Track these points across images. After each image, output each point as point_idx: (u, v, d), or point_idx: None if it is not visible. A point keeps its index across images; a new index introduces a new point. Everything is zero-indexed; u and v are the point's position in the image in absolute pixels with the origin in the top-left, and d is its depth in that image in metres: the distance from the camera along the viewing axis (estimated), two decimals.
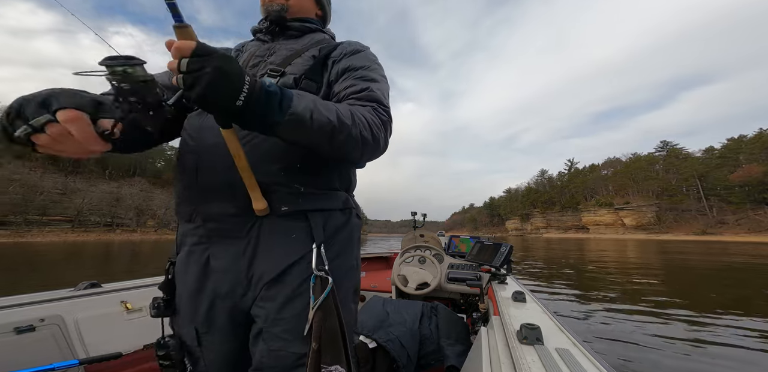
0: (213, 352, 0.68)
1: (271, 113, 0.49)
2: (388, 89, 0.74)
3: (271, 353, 0.61)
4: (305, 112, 0.52)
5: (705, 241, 45.49)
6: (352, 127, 0.58)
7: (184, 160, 0.68)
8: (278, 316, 0.62)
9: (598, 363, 0.65)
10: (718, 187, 74.06)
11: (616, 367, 0.68)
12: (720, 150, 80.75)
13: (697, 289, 6.74)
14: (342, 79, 0.71)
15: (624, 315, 4.50)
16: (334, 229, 0.70)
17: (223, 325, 0.67)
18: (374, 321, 1.44)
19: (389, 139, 0.69)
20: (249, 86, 0.45)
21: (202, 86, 0.42)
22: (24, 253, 17.46)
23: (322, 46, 0.77)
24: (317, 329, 0.57)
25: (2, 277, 8.25)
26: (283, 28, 0.80)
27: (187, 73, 0.43)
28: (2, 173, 46.70)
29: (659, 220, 79.42)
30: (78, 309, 1.30)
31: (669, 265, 11.36)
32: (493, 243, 2.04)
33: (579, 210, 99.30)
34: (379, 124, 0.64)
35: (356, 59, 0.74)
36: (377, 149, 0.66)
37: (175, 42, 0.44)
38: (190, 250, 0.69)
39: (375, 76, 0.72)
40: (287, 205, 0.64)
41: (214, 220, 0.65)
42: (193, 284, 0.67)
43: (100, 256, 15.93)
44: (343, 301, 0.65)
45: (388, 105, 0.70)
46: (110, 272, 9.65)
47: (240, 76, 0.45)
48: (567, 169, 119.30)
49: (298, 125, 0.52)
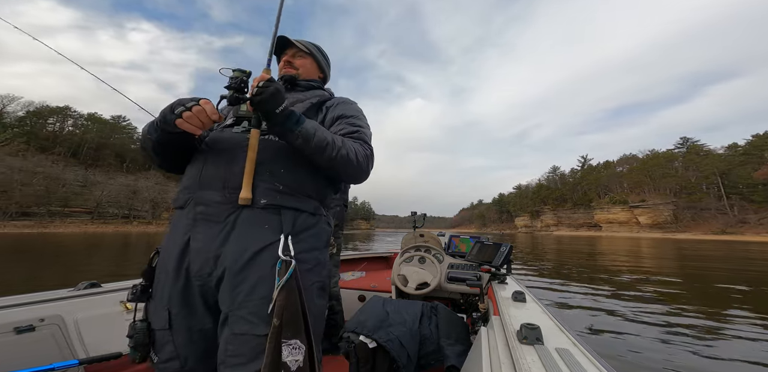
0: (182, 335, 0.72)
1: (290, 123, 0.76)
2: (371, 134, 0.99)
3: (236, 338, 0.65)
4: (311, 129, 0.78)
5: (725, 241, 43.85)
6: (341, 148, 0.81)
7: (195, 161, 0.85)
8: (245, 299, 0.67)
9: (598, 363, 0.65)
10: (740, 185, 71.00)
11: (616, 367, 0.68)
12: (744, 147, 77.10)
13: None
14: (336, 124, 0.95)
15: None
16: (303, 227, 0.81)
17: (196, 305, 0.73)
18: (374, 321, 1.45)
19: (371, 169, 0.92)
20: (285, 104, 0.75)
21: (265, 95, 0.71)
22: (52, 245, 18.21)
23: (321, 97, 1.04)
24: (279, 307, 0.62)
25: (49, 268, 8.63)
26: (294, 85, 1.08)
27: (260, 87, 0.72)
28: (27, 165, 48.68)
29: (676, 218, 76.90)
30: (78, 309, 1.30)
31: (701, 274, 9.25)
32: (493, 243, 2.03)
33: (592, 207, 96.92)
34: (366, 154, 0.88)
35: (347, 110, 0.99)
36: (360, 172, 0.88)
37: (262, 74, 0.79)
38: (175, 232, 0.78)
39: (361, 123, 0.97)
40: (266, 198, 0.77)
41: (203, 204, 0.77)
42: (172, 263, 0.74)
43: (120, 248, 16.56)
44: (306, 291, 0.71)
45: (371, 145, 0.94)
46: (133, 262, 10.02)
47: (283, 98, 0.75)
48: (580, 166, 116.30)
49: (304, 136, 0.76)
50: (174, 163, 0.88)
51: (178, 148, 0.84)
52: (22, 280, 6.72)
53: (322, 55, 1.15)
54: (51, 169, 52.45)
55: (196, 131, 0.74)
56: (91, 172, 60.83)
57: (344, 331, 1.40)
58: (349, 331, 1.37)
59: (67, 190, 52.76)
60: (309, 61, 1.10)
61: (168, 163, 0.88)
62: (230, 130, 0.88)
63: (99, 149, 68.33)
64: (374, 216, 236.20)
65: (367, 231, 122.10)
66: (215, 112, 0.73)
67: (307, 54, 1.10)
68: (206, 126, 0.74)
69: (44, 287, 1.39)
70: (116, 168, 69.23)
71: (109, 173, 64.04)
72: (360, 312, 1.55)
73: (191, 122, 0.72)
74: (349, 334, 1.36)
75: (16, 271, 7.98)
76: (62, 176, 53.47)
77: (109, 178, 61.32)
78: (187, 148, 0.85)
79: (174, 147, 0.82)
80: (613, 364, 0.67)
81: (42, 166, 51.11)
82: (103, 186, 58.06)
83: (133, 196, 61.53)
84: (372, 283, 2.50)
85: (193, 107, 0.71)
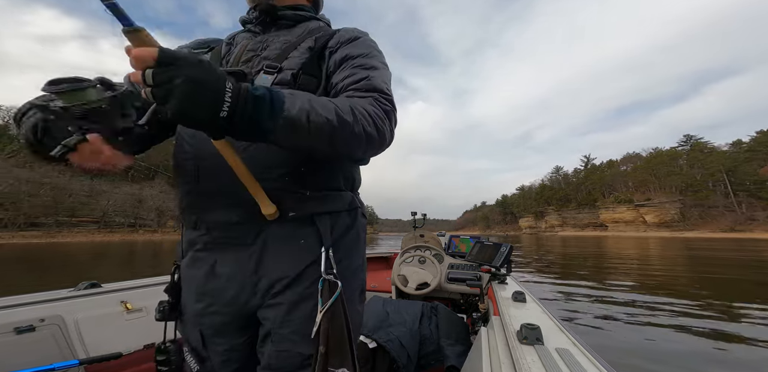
0: (218, 355, 0.68)
1: (262, 120, 0.44)
2: (390, 76, 0.69)
3: (279, 354, 0.62)
4: (300, 114, 0.47)
5: (734, 239, 43.02)
6: (354, 125, 0.53)
7: (184, 166, 0.66)
8: (287, 318, 0.62)
9: (598, 363, 0.65)
10: (747, 182, 70.12)
11: (617, 367, 0.69)
12: (749, 143, 76.33)
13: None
14: (340, 69, 0.67)
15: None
16: (342, 231, 0.69)
17: (227, 329, 0.68)
18: (374, 321, 1.46)
19: (394, 129, 0.63)
20: (232, 93, 0.41)
21: (177, 100, 0.38)
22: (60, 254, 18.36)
23: (318, 35, 0.72)
24: (324, 332, 0.57)
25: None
26: (275, 17, 0.75)
27: (155, 86, 0.38)
28: (34, 177, 49.37)
29: (683, 216, 75.89)
30: (78, 309, 1.30)
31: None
32: (493, 243, 2.03)
33: (596, 207, 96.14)
34: (383, 116, 0.60)
35: (354, 47, 0.69)
36: (383, 143, 0.61)
37: (132, 49, 0.39)
38: (195, 255, 0.69)
39: (375, 63, 0.68)
40: (294, 210, 0.63)
41: (218, 228, 0.64)
42: (198, 289, 0.68)
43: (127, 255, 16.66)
44: (351, 303, 0.66)
45: (391, 93, 0.65)
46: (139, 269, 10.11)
47: (219, 83, 0.40)
48: (583, 166, 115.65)
49: (293, 129, 0.47)
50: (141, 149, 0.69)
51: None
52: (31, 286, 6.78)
53: None
54: (58, 180, 53.02)
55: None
56: (96, 182, 61.43)
57: None
58: None
59: (74, 200, 53.37)
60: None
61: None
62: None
63: None
64: (377, 220, 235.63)
65: (370, 235, 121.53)
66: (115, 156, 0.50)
67: None
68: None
69: (47, 289, 1.39)
70: (121, 177, 69.82)
71: (114, 183, 64.59)
72: None
73: (91, 167, 0.49)
74: None
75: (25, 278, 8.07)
76: (69, 186, 54.03)
77: (114, 188, 61.87)
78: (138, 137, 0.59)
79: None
80: (613, 364, 0.67)
81: (49, 177, 51.67)
82: (109, 195, 58.64)
83: (139, 205, 62.06)
84: (372, 283, 2.49)
85: (79, 147, 0.46)
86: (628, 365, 2.81)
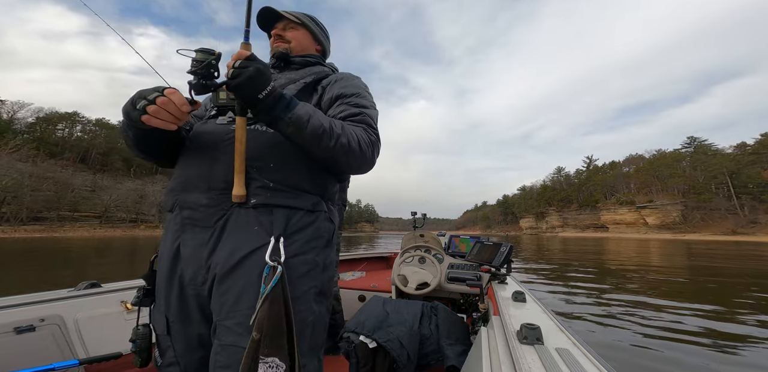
0: (182, 343, 0.69)
1: (278, 110, 0.65)
2: (377, 115, 0.86)
3: (224, 348, 0.61)
4: (304, 115, 0.67)
5: (736, 242, 42.83)
6: (341, 136, 0.70)
7: (180, 159, 0.78)
8: (232, 309, 0.62)
9: (598, 363, 0.65)
10: (750, 185, 69.67)
11: (617, 367, 0.68)
12: (753, 146, 75.76)
13: None
14: (335, 106, 0.83)
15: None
16: (299, 227, 0.72)
17: (193, 314, 0.69)
18: (374, 321, 1.46)
19: (377, 157, 0.80)
20: (271, 88, 0.64)
21: (243, 78, 0.60)
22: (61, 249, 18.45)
23: (317, 75, 0.92)
24: (260, 319, 0.56)
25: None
26: (288, 62, 0.97)
27: (236, 68, 0.60)
28: (37, 171, 49.58)
29: (685, 219, 75.58)
30: (78, 309, 1.30)
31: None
32: (493, 243, 2.03)
33: (598, 208, 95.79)
34: (369, 142, 0.76)
35: (348, 87, 0.86)
36: (364, 162, 0.77)
37: (240, 50, 0.64)
38: (166, 237, 0.73)
39: (366, 103, 0.85)
40: (256, 197, 0.70)
41: (188, 208, 0.71)
42: (165, 272, 0.71)
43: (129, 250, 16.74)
44: (301, 298, 0.66)
45: (377, 129, 0.81)
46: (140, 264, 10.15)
47: (268, 79, 0.63)
48: (585, 167, 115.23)
49: (295, 124, 0.66)
50: (168, 158, 0.80)
51: (162, 143, 0.74)
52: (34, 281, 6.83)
53: (316, 24, 1.02)
54: (60, 175, 53.37)
55: (169, 126, 0.63)
56: (99, 177, 61.77)
57: (344, 331, 1.40)
58: (349, 331, 1.38)
59: (76, 195, 53.57)
60: (302, 33, 0.98)
61: (160, 160, 0.80)
62: (214, 122, 0.78)
63: (107, 154, 69.29)
64: (378, 218, 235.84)
65: (370, 233, 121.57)
66: (185, 102, 0.62)
67: (298, 24, 0.97)
68: (181, 119, 0.64)
69: (48, 288, 1.40)
70: (124, 173, 70.19)
71: (116, 178, 64.98)
72: (360, 312, 1.55)
73: (160, 117, 0.61)
74: (350, 334, 1.37)
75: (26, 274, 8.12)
76: (71, 181, 54.30)
77: (116, 183, 62.21)
78: (176, 140, 0.76)
79: (158, 143, 0.73)
80: (613, 364, 0.67)
81: (51, 172, 52.01)
82: (111, 191, 58.84)
83: (141, 201, 62.21)
84: (372, 283, 2.50)
85: (157, 99, 0.60)
86: (628, 365, 2.82)
